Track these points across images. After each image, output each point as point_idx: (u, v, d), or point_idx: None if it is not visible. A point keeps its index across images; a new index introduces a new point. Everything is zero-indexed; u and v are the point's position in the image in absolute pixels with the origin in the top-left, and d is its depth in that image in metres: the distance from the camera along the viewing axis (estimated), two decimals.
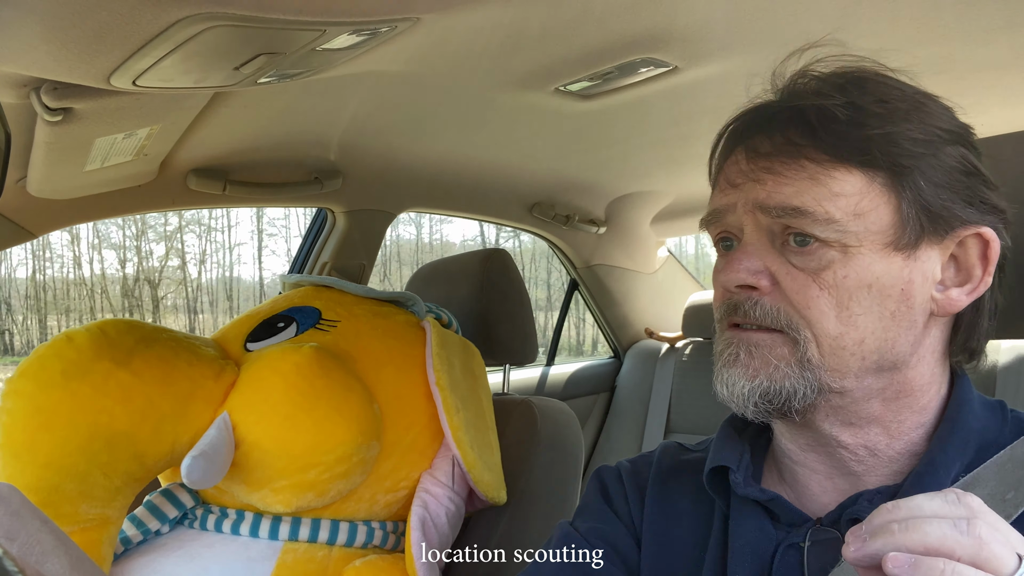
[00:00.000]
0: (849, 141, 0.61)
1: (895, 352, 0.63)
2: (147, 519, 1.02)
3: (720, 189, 0.68)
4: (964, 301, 0.64)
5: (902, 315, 0.62)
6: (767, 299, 0.63)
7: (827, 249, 0.61)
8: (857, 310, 0.61)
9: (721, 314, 0.66)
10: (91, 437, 0.89)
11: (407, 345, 1.15)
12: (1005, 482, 0.59)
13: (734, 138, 0.69)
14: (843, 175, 0.61)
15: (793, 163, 0.62)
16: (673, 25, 1.05)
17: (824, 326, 0.61)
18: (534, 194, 2.06)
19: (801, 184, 0.61)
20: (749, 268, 0.63)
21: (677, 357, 2.41)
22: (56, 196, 1.24)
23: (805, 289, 0.61)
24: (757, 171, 0.64)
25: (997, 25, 1.09)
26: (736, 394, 0.63)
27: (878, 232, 0.61)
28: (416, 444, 1.12)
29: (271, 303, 1.20)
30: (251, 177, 1.48)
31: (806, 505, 0.67)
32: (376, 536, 1.08)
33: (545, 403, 1.33)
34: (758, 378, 0.62)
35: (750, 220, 0.64)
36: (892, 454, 0.65)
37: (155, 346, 0.98)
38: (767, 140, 0.64)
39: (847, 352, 0.61)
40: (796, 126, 0.63)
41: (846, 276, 0.60)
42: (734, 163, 0.67)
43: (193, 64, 0.84)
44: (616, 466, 0.81)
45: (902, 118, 0.61)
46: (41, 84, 0.88)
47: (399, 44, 0.96)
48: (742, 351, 0.64)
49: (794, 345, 0.61)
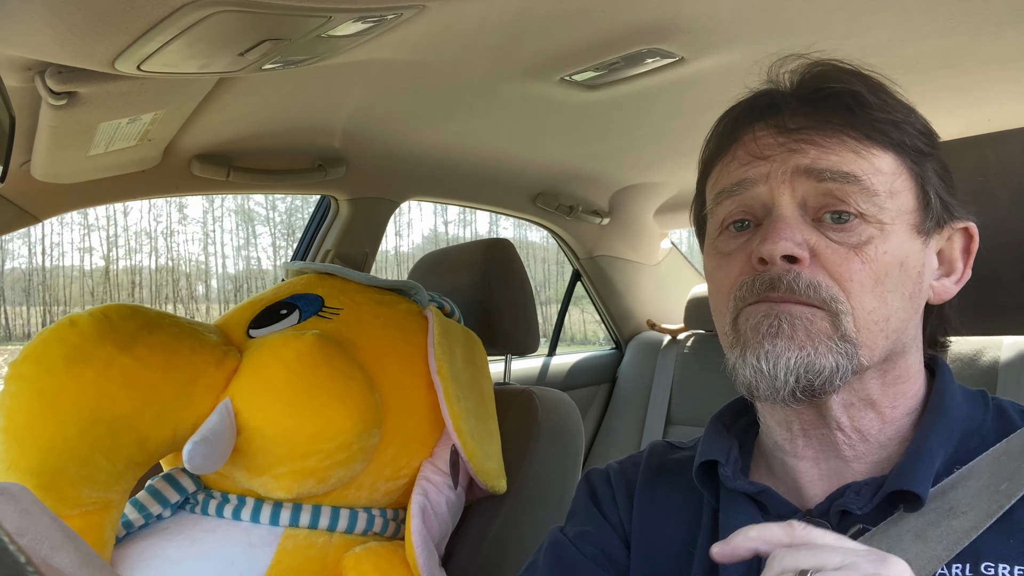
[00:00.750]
0: (881, 123, 0.63)
1: (906, 334, 0.64)
2: (149, 503, 1.02)
3: (741, 163, 0.66)
4: (953, 291, 0.67)
5: (915, 298, 0.64)
6: (807, 272, 0.61)
7: (866, 225, 0.61)
8: (889, 287, 0.62)
9: (747, 290, 0.63)
10: (94, 421, 0.90)
11: (409, 334, 1.16)
12: (999, 473, 0.59)
13: (747, 117, 0.68)
14: (880, 153, 0.63)
15: (833, 136, 0.62)
16: (680, 15, 1.05)
17: (862, 300, 0.61)
18: (538, 184, 2.06)
19: (845, 155, 0.62)
20: (793, 239, 0.60)
21: (679, 349, 2.41)
22: (60, 180, 1.24)
23: (847, 262, 0.61)
24: (793, 142, 0.63)
25: (1005, 20, 1.08)
26: (780, 368, 0.59)
27: (907, 213, 0.63)
28: (417, 432, 1.12)
29: (274, 290, 1.20)
30: (255, 164, 1.48)
31: (795, 497, 0.67)
32: (376, 523, 1.09)
33: (546, 393, 1.34)
34: (805, 350, 0.59)
35: (786, 189, 0.63)
36: (883, 440, 0.65)
37: (158, 332, 0.98)
38: (798, 116, 0.64)
39: (877, 328, 0.62)
40: (829, 106, 0.63)
41: (885, 252, 0.61)
42: (755, 138, 0.65)
43: (198, 49, 0.84)
44: (605, 468, 0.82)
45: (911, 112, 0.65)
46: (46, 68, 0.88)
47: (404, 32, 0.96)
48: (784, 322, 0.60)
49: (834, 319, 0.60)
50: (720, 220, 0.68)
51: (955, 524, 0.58)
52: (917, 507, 0.59)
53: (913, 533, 0.59)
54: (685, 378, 2.35)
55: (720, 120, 0.72)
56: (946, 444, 0.63)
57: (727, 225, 0.67)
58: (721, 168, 0.69)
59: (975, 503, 0.58)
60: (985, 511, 0.58)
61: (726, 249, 0.67)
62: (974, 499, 0.59)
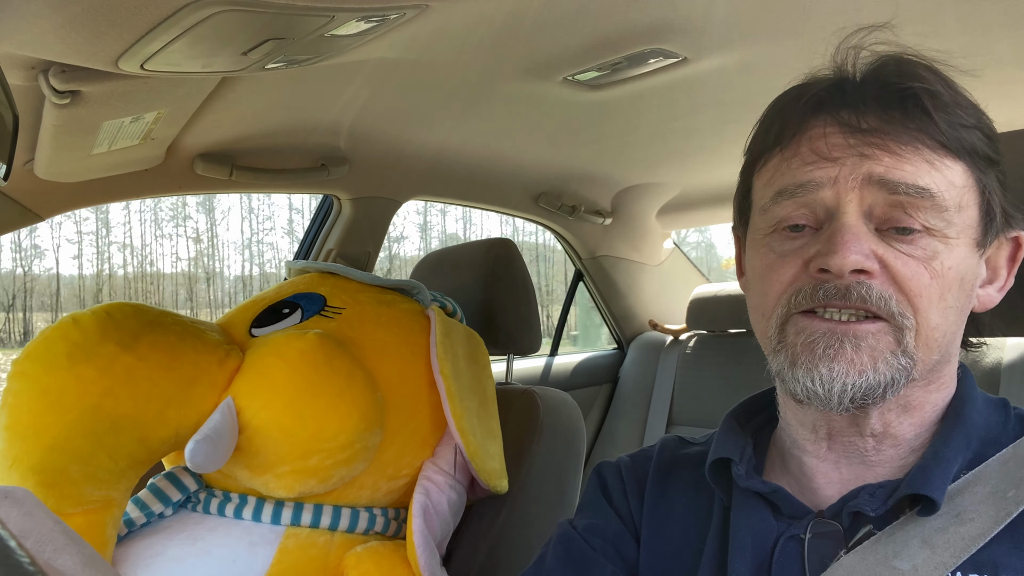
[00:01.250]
0: (956, 130, 0.59)
1: (954, 346, 0.64)
2: (151, 502, 1.03)
3: (805, 160, 0.61)
4: (997, 299, 0.65)
5: (965, 310, 0.63)
6: (877, 283, 0.58)
7: (931, 239, 0.59)
8: (951, 302, 0.60)
9: (804, 297, 0.60)
10: (96, 419, 0.90)
11: (411, 333, 1.16)
12: (1007, 480, 0.59)
13: (813, 107, 0.63)
14: (953, 164, 0.59)
15: (908, 145, 0.58)
16: (683, 15, 1.05)
17: (929, 315, 0.59)
18: (540, 184, 2.06)
19: (920, 166, 0.58)
20: (862, 251, 0.58)
21: (681, 350, 2.41)
22: (63, 179, 1.25)
23: (918, 276, 0.58)
24: (866, 146, 0.59)
25: (1014, 19, 1.08)
26: (835, 391, 0.58)
27: (971, 227, 0.61)
28: (419, 432, 1.12)
29: (276, 289, 1.21)
30: (258, 163, 1.48)
31: (808, 497, 0.67)
32: (378, 522, 1.09)
33: (548, 393, 1.34)
34: (864, 374, 0.58)
35: (855, 196, 0.59)
36: (916, 445, 0.64)
37: (160, 330, 0.98)
38: (872, 116, 0.60)
39: (935, 343, 0.60)
40: (907, 107, 0.59)
41: (951, 267, 0.59)
42: (823, 135, 0.61)
43: (201, 49, 0.84)
44: (616, 461, 0.81)
45: (979, 114, 0.62)
46: (49, 67, 0.88)
47: (407, 31, 0.96)
48: (847, 344, 0.58)
49: (897, 333, 0.58)
50: (777, 219, 0.64)
51: (962, 531, 0.58)
52: (931, 511, 0.59)
53: (920, 539, 0.58)
54: (687, 379, 2.35)
55: (776, 103, 0.67)
56: (964, 451, 0.62)
57: (784, 226, 0.63)
58: (781, 162, 0.64)
59: (982, 510, 0.58)
60: (993, 518, 0.57)
61: (780, 250, 0.63)
62: (981, 506, 0.58)
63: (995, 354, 1.66)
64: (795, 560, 0.63)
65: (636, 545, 0.74)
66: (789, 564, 0.63)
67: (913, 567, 0.57)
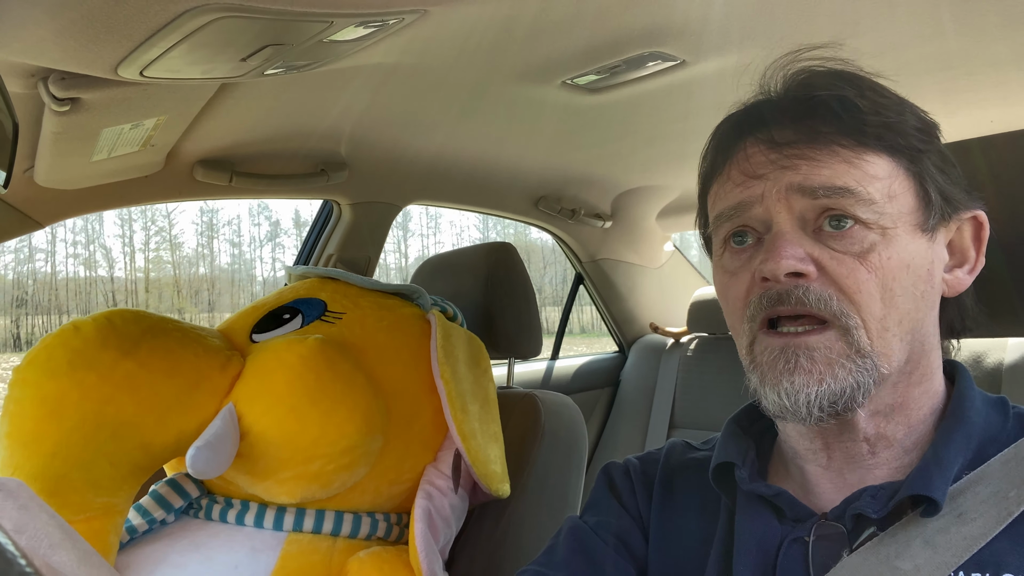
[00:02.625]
0: (873, 127, 0.62)
1: (923, 334, 0.64)
2: (153, 509, 1.02)
3: (735, 183, 0.66)
4: (967, 281, 0.66)
5: (927, 296, 0.64)
6: (816, 285, 0.61)
7: (867, 231, 0.61)
8: (898, 291, 0.61)
9: (755, 309, 0.63)
10: (97, 426, 0.90)
11: (412, 338, 1.16)
12: (1009, 480, 0.59)
13: (738, 132, 0.67)
14: (873, 158, 0.62)
15: (824, 148, 0.62)
16: (681, 19, 1.05)
17: (872, 309, 0.60)
18: (540, 188, 2.06)
19: (838, 167, 0.61)
20: (796, 255, 0.61)
21: (682, 352, 2.40)
22: (63, 186, 1.25)
23: (854, 272, 0.60)
24: (784, 158, 0.63)
25: (1010, 20, 1.08)
26: (801, 402, 0.60)
27: (908, 213, 0.62)
28: (420, 436, 1.12)
29: (277, 294, 1.21)
30: (258, 168, 1.48)
31: (811, 500, 0.67)
32: (380, 528, 1.09)
33: (549, 397, 1.34)
34: (825, 382, 0.60)
35: (783, 207, 0.62)
36: (908, 445, 0.65)
37: (161, 336, 0.98)
38: (787, 130, 0.63)
39: (890, 334, 0.61)
40: (818, 115, 0.63)
41: (889, 257, 0.61)
42: (748, 156, 0.65)
43: (200, 55, 0.84)
44: (624, 462, 0.82)
45: (905, 110, 0.64)
46: (49, 74, 0.88)
47: (406, 36, 0.96)
48: (802, 356, 0.61)
49: (846, 335, 0.60)
50: (721, 239, 0.68)
51: (964, 531, 0.58)
52: (933, 512, 0.59)
53: (922, 539, 0.58)
54: (688, 381, 2.35)
55: (713, 134, 0.72)
56: (965, 451, 0.62)
57: (728, 241, 0.67)
58: (718, 188, 0.69)
59: (984, 510, 0.58)
60: (995, 518, 0.57)
61: (731, 267, 0.67)
62: (983, 506, 0.58)
63: (996, 355, 1.66)
64: (799, 562, 0.63)
65: (645, 543, 0.75)
66: (793, 566, 0.63)
67: (915, 567, 0.57)
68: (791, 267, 0.60)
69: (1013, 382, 1.62)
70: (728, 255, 0.68)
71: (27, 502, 0.46)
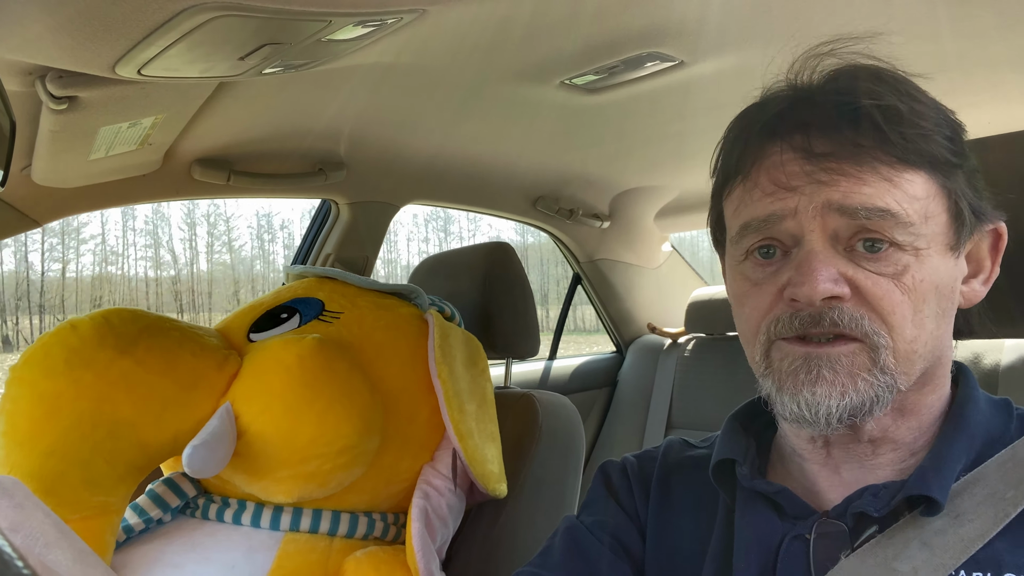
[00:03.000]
0: (914, 142, 0.59)
1: (941, 347, 0.64)
2: (149, 508, 1.02)
3: (765, 191, 0.62)
4: (983, 292, 0.66)
5: (947, 312, 0.63)
6: (848, 306, 0.59)
7: (901, 253, 0.59)
8: (927, 313, 0.60)
9: (783, 327, 0.61)
10: (94, 425, 0.90)
11: (409, 337, 1.15)
12: (1006, 481, 0.59)
13: (769, 133, 0.63)
14: (912, 177, 0.59)
15: (866, 165, 0.58)
16: (680, 19, 1.05)
17: (904, 331, 0.59)
18: (538, 188, 2.06)
19: (879, 185, 0.58)
20: (831, 277, 0.58)
21: (679, 353, 2.41)
22: (61, 184, 1.25)
23: (890, 295, 0.59)
24: (822, 172, 0.59)
25: (1007, 22, 1.08)
26: (821, 414, 0.59)
27: (942, 234, 0.61)
28: (417, 436, 1.12)
29: (274, 294, 1.20)
30: (255, 168, 1.48)
31: (812, 498, 0.67)
32: (377, 527, 1.09)
33: (546, 397, 1.34)
34: (847, 396, 0.59)
35: (817, 225, 0.59)
36: (916, 447, 0.64)
37: (159, 335, 0.98)
38: (825, 140, 0.60)
39: (917, 355, 0.60)
40: (860, 127, 0.59)
41: (922, 280, 0.59)
42: (781, 163, 0.61)
43: (198, 54, 0.84)
44: (621, 461, 0.81)
45: (941, 121, 0.62)
46: (46, 72, 0.88)
47: (404, 36, 0.96)
48: (824, 368, 0.59)
49: (873, 352, 0.59)
50: (746, 247, 0.65)
51: (962, 532, 0.58)
52: (934, 512, 0.59)
53: (919, 541, 0.58)
54: (686, 382, 2.35)
55: (738, 127, 0.67)
56: (967, 451, 0.62)
57: (752, 252, 0.64)
58: (744, 193, 0.65)
59: (981, 511, 0.58)
60: (992, 519, 0.57)
61: (754, 278, 0.64)
62: (980, 507, 0.58)
63: (993, 356, 1.66)
64: (800, 560, 0.63)
65: (642, 541, 0.74)
66: (794, 564, 0.63)
67: (913, 569, 0.57)
68: (828, 291, 0.58)
69: (1010, 383, 1.62)
70: (751, 264, 0.65)
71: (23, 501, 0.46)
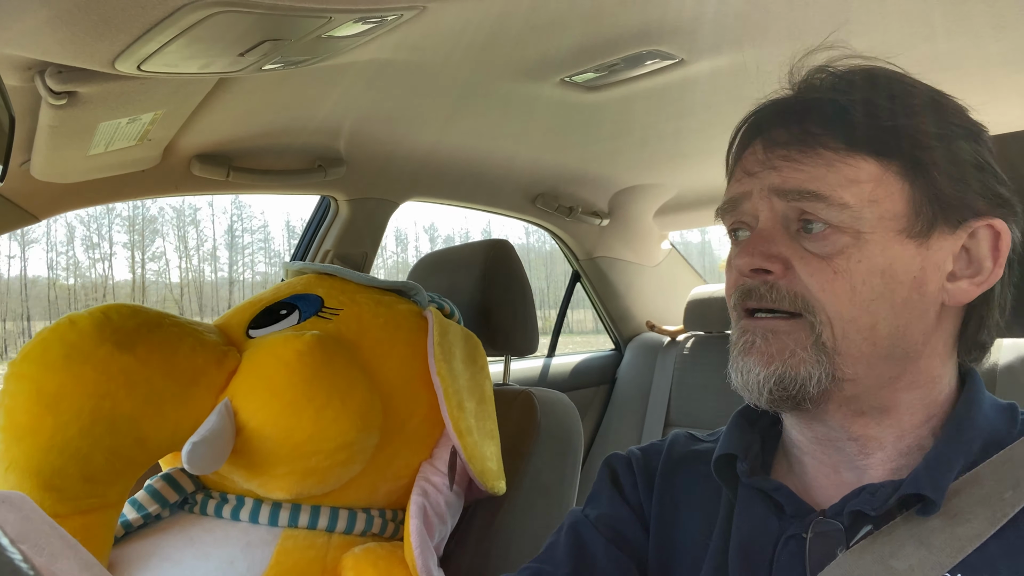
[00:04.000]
0: (863, 131, 0.62)
1: (907, 340, 0.63)
2: (148, 503, 1.02)
3: (736, 179, 0.69)
4: (974, 292, 0.65)
5: (914, 303, 0.63)
6: (782, 282, 0.63)
7: (840, 235, 0.62)
8: (870, 295, 0.61)
9: (735, 300, 0.67)
10: (93, 421, 0.90)
11: (409, 334, 1.16)
12: (1003, 482, 0.59)
13: (753, 131, 0.70)
14: (858, 163, 0.62)
15: (810, 151, 0.63)
16: (680, 17, 1.05)
17: (838, 308, 0.61)
18: (537, 185, 2.06)
19: (816, 171, 0.63)
20: (763, 252, 0.64)
21: (678, 350, 2.41)
22: (60, 180, 1.24)
23: (820, 272, 0.62)
24: (774, 159, 0.65)
25: (1006, 21, 1.08)
26: (751, 382, 0.63)
27: (892, 219, 0.62)
28: (416, 433, 1.12)
29: (274, 290, 1.20)
30: (255, 164, 1.48)
31: (811, 496, 0.67)
32: (375, 524, 1.09)
33: (545, 394, 1.34)
34: (773, 364, 0.63)
35: (765, 206, 0.65)
36: (902, 448, 0.65)
37: (158, 331, 0.98)
38: (784, 131, 0.65)
39: (860, 337, 0.62)
40: (813, 118, 0.64)
41: (860, 261, 0.61)
42: (752, 154, 0.68)
43: (198, 50, 0.84)
44: (627, 453, 0.82)
45: (914, 112, 0.64)
46: (46, 67, 0.88)
47: (404, 33, 0.96)
48: (758, 338, 0.64)
49: (810, 329, 0.62)
50: (727, 231, 0.72)
51: (959, 531, 0.58)
52: (931, 511, 0.59)
53: (916, 539, 0.59)
54: (684, 379, 2.35)
55: (736, 130, 0.73)
56: (967, 453, 0.62)
57: (731, 233, 0.71)
58: (730, 181, 0.72)
59: (979, 511, 0.58)
60: (989, 519, 0.58)
61: (730, 257, 0.69)
62: (977, 507, 0.59)
63: (991, 356, 1.66)
64: (797, 559, 0.63)
65: (646, 535, 0.75)
66: (791, 563, 0.63)
67: (909, 567, 0.57)
68: (754, 264, 0.64)
69: (1008, 383, 1.63)
70: (731, 246, 0.71)
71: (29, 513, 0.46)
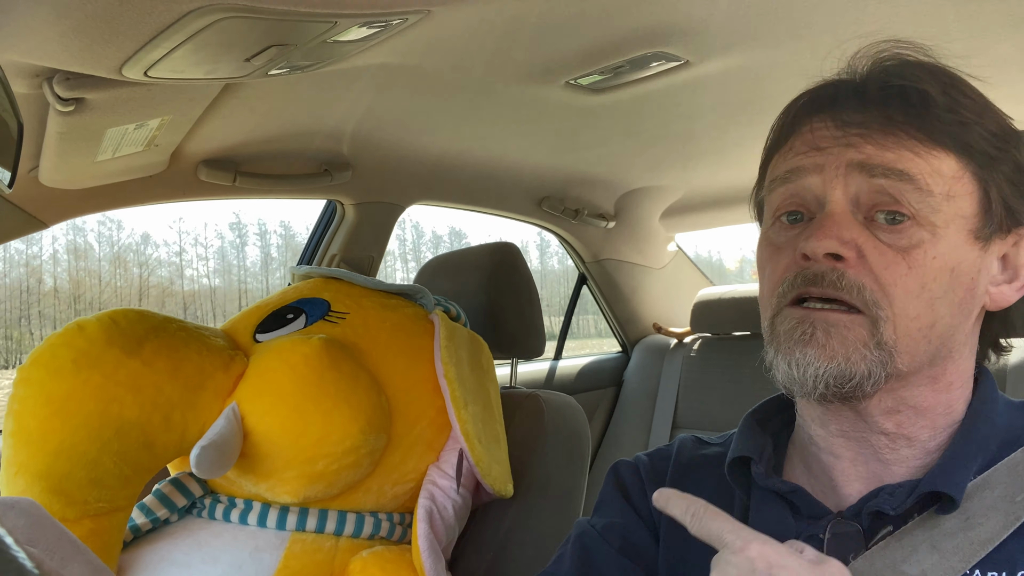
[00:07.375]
0: (948, 125, 0.60)
1: (953, 341, 0.63)
2: (156, 507, 1.03)
3: (796, 152, 0.65)
4: (1014, 297, 0.64)
5: (966, 304, 0.62)
6: (852, 272, 0.59)
7: (918, 228, 0.59)
8: (937, 293, 0.60)
9: (788, 286, 0.62)
10: (102, 425, 0.90)
11: (415, 337, 1.16)
12: (1016, 484, 0.59)
13: (807, 109, 0.66)
14: (941, 155, 0.60)
15: (891, 134, 0.60)
16: (685, 19, 1.05)
17: (906, 306, 0.59)
18: (543, 188, 2.06)
19: (903, 153, 0.60)
20: (840, 237, 0.59)
21: (685, 352, 2.40)
22: (68, 186, 1.25)
23: (894, 266, 0.59)
24: (851, 136, 0.61)
25: (1002, 22, 1.08)
26: (808, 375, 0.59)
27: (964, 218, 0.61)
28: (424, 436, 1.12)
29: (280, 294, 1.21)
30: (261, 168, 1.48)
31: (828, 497, 0.66)
32: (383, 527, 1.09)
33: (552, 397, 1.34)
34: (835, 360, 0.59)
35: (839, 184, 0.61)
36: (931, 447, 0.64)
37: (165, 336, 0.98)
38: (860, 112, 0.62)
39: (920, 335, 0.60)
40: (894, 104, 0.61)
41: (935, 257, 0.59)
42: (821, 128, 0.64)
43: (204, 55, 0.84)
44: (634, 460, 0.81)
45: (988, 113, 0.63)
46: (54, 74, 0.89)
47: (410, 37, 0.96)
48: (818, 330, 0.60)
49: (872, 326, 0.59)
50: (774, 209, 0.67)
51: (971, 535, 0.57)
52: (950, 510, 0.59)
53: (929, 544, 0.58)
54: (691, 382, 2.34)
55: (785, 109, 0.70)
56: (984, 451, 0.62)
57: (779, 215, 0.66)
58: (779, 158, 0.68)
59: (991, 514, 0.58)
60: (1002, 522, 0.57)
61: (777, 241, 0.66)
62: (990, 510, 0.58)
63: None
64: None
65: (655, 543, 0.74)
66: None
67: (922, 572, 0.57)
68: (831, 247, 0.59)
69: (1017, 383, 1.62)
70: (777, 228, 0.66)
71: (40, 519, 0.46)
